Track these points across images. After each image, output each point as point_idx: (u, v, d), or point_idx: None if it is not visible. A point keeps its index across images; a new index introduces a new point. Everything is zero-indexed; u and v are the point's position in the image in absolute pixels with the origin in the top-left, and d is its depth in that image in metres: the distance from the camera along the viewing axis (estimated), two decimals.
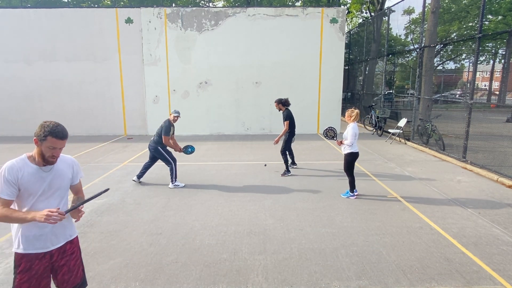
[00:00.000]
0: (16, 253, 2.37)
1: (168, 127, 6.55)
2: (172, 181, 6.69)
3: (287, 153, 7.77)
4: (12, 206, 2.28)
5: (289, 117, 7.52)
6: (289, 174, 7.50)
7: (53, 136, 2.14)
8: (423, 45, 10.90)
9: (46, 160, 2.22)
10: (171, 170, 6.66)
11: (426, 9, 10.93)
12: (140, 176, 6.90)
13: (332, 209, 5.46)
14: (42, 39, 12.83)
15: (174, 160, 6.72)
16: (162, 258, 3.96)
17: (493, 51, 25.01)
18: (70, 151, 7.10)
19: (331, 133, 6.29)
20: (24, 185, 2.19)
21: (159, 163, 7.08)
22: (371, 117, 14.11)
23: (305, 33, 13.02)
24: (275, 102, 7.72)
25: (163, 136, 6.53)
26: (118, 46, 12.97)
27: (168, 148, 6.77)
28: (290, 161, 7.99)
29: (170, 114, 6.69)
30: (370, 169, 7.88)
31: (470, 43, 20.56)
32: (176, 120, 6.68)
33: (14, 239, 2.38)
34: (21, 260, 2.37)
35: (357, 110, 5.87)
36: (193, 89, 13.33)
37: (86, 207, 5.55)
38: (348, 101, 19.55)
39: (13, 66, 12.96)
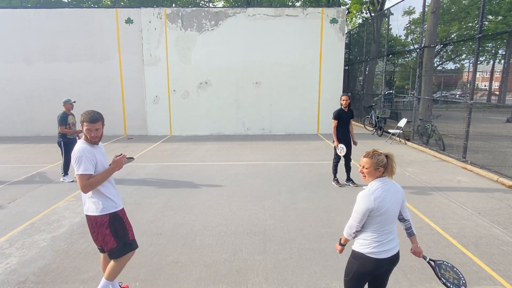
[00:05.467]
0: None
1: (63, 117, 6.90)
2: (62, 174, 7.11)
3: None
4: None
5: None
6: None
7: (85, 121, 2.78)
8: (423, 45, 10.90)
9: (90, 140, 2.83)
10: (64, 163, 7.02)
11: (426, 9, 10.93)
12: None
13: (332, 209, 5.46)
14: (42, 39, 12.83)
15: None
16: (162, 258, 3.96)
17: (493, 51, 25.01)
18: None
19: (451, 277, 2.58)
20: (99, 160, 2.84)
21: (159, 164, 7.07)
22: (371, 117, 14.11)
23: (305, 33, 13.03)
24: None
25: (59, 127, 6.88)
26: (118, 46, 12.98)
27: (68, 140, 6.99)
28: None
29: (64, 105, 7.06)
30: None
31: (470, 43, 20.56)
32: (71, 108, 7.10)
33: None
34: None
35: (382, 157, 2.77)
36: (193, 89, 13.33)
37: None
38: (350, 101, 19.51)
39: (13, 66, 12.96)
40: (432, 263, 2.65)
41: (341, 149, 6.56)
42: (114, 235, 2.90)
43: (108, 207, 2.88)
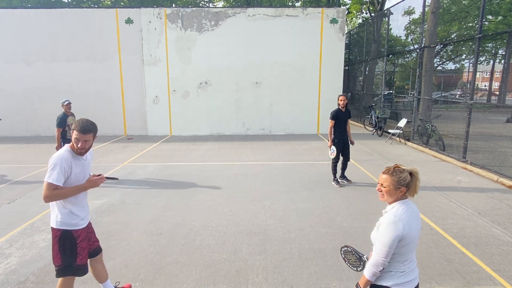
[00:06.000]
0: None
1: (62, 119, 6.63)
2: None
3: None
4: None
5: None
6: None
7: (76, 129, 2.62)
8: (423, 45, 10.90)
9: (75, 150, 2.68)
10: None
11: (426, 9, 10.93)
12: None
13: (332, 209, 5.46)
14: (42, 39, 12.84)
15: None
16: (162, 259, 3.96)
17: (493, 51, 25.01)
18: None
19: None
20: (74, 173, 2.66)
21: (159, 164, 7.07)
22: (371, 117, 14.11)
23: (305, 33, 13.03)
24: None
25: (56, 128, 6.60)
26: (118, 46, 12.98)
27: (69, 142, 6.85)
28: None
29: (63, 105, 6.80)
30: (370, 170, 7.89)
31: (470, 43, 20.56)
32: (69, 108, 6.80)
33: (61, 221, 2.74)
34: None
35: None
36: (193, 89, 13.33)
37: None
38: (348, 101, 19.52)
39: (13, 66, 12.96)
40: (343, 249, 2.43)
41: (332, 152, 6.65)
42: (61, 253, 2.72)
43: (65, 222, 2.69)
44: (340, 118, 6.62)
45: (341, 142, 6.66)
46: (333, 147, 6.63)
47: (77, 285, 3.45)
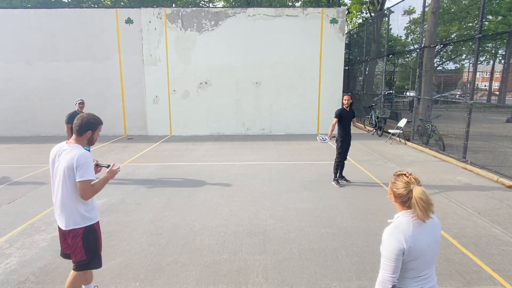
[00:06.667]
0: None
1: (71, 116, 6.73)
2: None
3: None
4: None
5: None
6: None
7: (100, 124, 2.87)
8: (423, 45, 10.90)
9: (91, 144, 2.87)
10: None
11: (426, 9, 10.93)
12: None
13: (332, 209, 5.46)
14: (42, 39, 12.83)
15: None
16: (162, 259, 3.96)
17: (493, 51, 25.01)
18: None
19: None
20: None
21: (159, 164, 7.07)
22: (371, 117, 14.11)
23: (305, 33, 13.03)
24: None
25: (65, 124, 6.75)
26: (118, 46, 12.98)
27: None
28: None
29: (75, 104, 6.96)
30: (370, 170, 7.88)
31: (470, 43, 20.56)
32: (81, 108, 6.99)
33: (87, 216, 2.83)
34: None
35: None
36: (193, 90, 13.33)
37: None
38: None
39: (13, 66, 12.96)
40: None
41: (324, 140, 6.77)
42: (85, 248, 2.77)
43: (88, 217, 2.77)
44: (344, 117, 6.67)
45: (346, 141, 6.69)
46: (324, 136, 6.78)
47: None
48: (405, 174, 1.90)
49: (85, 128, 2.73)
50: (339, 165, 6.78)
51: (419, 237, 1.80)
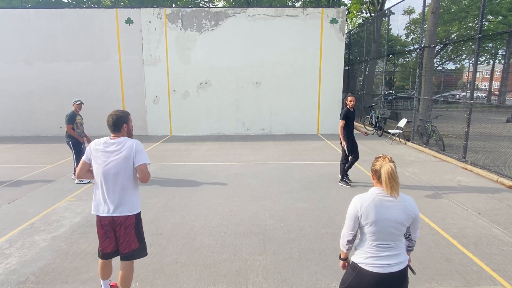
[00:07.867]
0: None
1: (71, 117, 6.84)
2: (74, 173, 7.15)
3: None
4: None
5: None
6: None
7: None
8: (423, 45, 10.90)
9: (131, 135, 3.25)
10: (77, 163, 6.89)
11: (426, 9, 10.93)
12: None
13: (332, 209, 5.46)
14: (42, 39, 12.83)
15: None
16: (162, 259, 3.96)
17: (493, 51, 25.01)
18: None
19: None
20: None
21: (159, 164, 7.07)
22: (371, 117, 14.11)
23: (305, 33, 13.03)
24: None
25: (66, 125, 6.82)
26: (118, 46, 12.98)
27: (76, 140, 6.94)
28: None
29: (73, 104, 6.97)
30: (369, 170, 7.87)
31: (470, 43, 20.57)
32: (80, 108, 7.02)
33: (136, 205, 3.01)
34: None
35: None
36: (193, 90, 13.33)
37: (86, 207, 5.56)
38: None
39: (13, 66, 12.96)
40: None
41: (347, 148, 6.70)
42: (137, 236, 2.94)
43: (139, 204, 3.04)
44: (350, 118, 6.67)
45: (351, 141, 6.69)
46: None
47: (77, 285, 3.45)
48: (381, 156, 2.27)
49: (120, 123, 3.01)
50: (351, 165, 6.77)
51: (378, 210, 2.09)
